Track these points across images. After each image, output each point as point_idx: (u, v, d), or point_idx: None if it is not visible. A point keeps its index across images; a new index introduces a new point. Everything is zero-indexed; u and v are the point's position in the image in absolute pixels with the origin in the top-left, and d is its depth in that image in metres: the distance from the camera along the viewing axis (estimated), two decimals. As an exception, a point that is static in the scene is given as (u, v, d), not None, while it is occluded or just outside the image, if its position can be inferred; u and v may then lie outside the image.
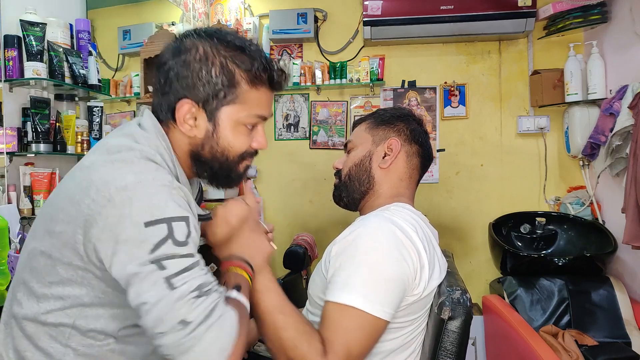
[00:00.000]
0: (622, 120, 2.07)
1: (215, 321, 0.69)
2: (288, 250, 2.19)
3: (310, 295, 1.07)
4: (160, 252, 0.69)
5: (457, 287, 0.97)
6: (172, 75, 0.81)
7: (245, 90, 0.83)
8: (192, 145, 0.84)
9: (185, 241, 0.72)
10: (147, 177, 0.73)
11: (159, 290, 0.68)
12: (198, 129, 0.83)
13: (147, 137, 0.81)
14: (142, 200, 0.71)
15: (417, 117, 1.20)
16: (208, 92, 0.81)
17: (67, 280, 0.77)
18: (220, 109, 0.83)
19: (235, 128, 0.84)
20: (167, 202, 0.73)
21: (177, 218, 0.72)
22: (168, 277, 0.69)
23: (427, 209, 2.77)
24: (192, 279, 0.70)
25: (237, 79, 0.82)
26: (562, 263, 2.17)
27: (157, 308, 0.67)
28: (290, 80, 2.82)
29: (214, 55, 0.82)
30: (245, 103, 0.84)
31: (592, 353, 1.81)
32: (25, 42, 1.66)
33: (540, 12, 2.54)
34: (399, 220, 0.97)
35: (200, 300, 0.69)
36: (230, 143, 0.84)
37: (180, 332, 0.67)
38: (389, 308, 0.88)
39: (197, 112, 0.82)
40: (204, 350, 0.67)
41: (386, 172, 1.12)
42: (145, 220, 0.70)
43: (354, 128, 1.22)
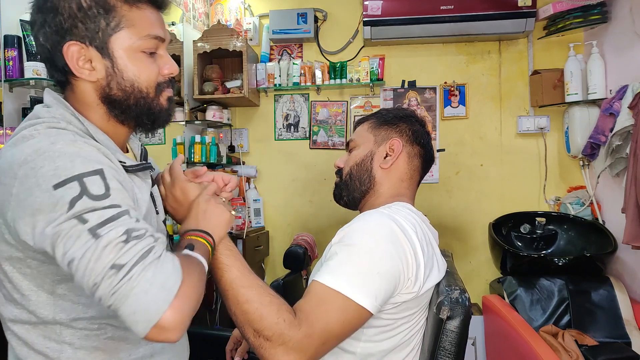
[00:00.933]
0: (622, 120, 2.07)
1: (152, 261, 0.63)
2: (288, 250, 2.19)
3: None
4: (78, 207, 0.65)
5: (456, 286, 0.97)
6: (46, 29, 0.75)
7: (125, 11, 0.77)
8: (99, 91, 0.78)
9: (105, 194, 0.67)
10: (45, 144, 0.69)
11: (84, 242, 0.63)
12: (97, 70, 0.77)
13: (49, 111, 0.77)
14: (45, 167, 0.67)
15: (420, 118, 1.20)
16: (88, 26, 0.75)
17: (20, 275, 0.74)
18: (109, 40, 0.76)
19: (134, 56, 0.78)
20: (73, 160, 0.68)
21: (88, 173, 0.67)
22: (92, 229, 0.63)
23: (427, 209, 2.78)
24: (119, 225, 0.65)
25: (110, 3, 0.76)
26: (562, 263, 2.17)
27: (85, 259, 0.62)
28: (290, 80, 2.82)
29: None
30: (132, 26, 0.77)
31: (592, 353, 1.81)
32: (25, 42, 1.66)
33: (540, 12, 2.54)
34: (398, 218, 0.97)
35: (132, 243, 0.63)
36: (136, 73, 0.78)
37: (113, 277, 0.61)
38: (374, 300, 0.87)
39: (87, 52, 0.76)
40: (144, 292, 0.60)
41: (387, 172, 1.12)
42: (53, 183, 0.66)
43: (357, 127, 1.22)
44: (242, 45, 2.62)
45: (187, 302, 0.64)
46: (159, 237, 0.68)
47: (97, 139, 0.77)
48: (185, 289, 0.64)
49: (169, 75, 0.83)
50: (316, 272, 1.03)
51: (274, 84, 2.84)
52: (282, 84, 2.84)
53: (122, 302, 0.60)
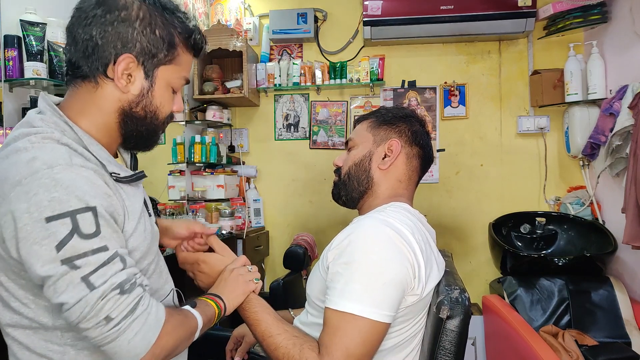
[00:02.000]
0: (622, 120, 2.07)
1: (140, 314, 0.72)
2: (288, 250, 2.19)
3: (309, 295, 1.07)
4: (68, 250, 0.68)
5: (456, 286, 0.97)
6: (109, 29, 0.79)
7: (181, 52, 0.86)
8: (124, 102, 0.83)
9: (95, 232, 0.70)
10: (41, 165, 0.70)
11: (78, 291, 0.68)
12: (134, 85, 0.82)
13: (43, 118, 0.79)
14: (40, 195, 0.68)
15: (420, 118, 1.19)
16: (150, 49, 0.81)
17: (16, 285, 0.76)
18: (159, 67, 0.84)
19: (166, 89, 0.86)
20: (69, 193, 0.69)
21: (82, 209, 0.70)
22: (85, 277, 0.68)
23: (427, 209, 2.78)
24: (112, 276, 0.70)
25: (176, 41, 0.84)
26: (562, 263, 2.17)
27: (79, 307, 0.68)
28: (290, 80, 2.82)
29: (154, 15, 0.82)
30: (179, 65, 0.86)
31: (592, 353, 1.81)
32: (25, 42, 1.66)
33: (540, 12, 2.54)
34: (393, 221, 0.96)
35: (124, 297, 0.70)
36: (162, 102, 0.86)
37: (104, 327, 0.69)
38: (388, 311, 0.89)
39: (135, 68, 0.81)
40: (128, 340, 0.70)
41: (385, 173, 1.12)
42: (46, 216, 0.68)
43: (356, 125, 1.22)
44: (242, 45, 2.62)
45: (162, 351, 0.75)
46: (145, 284, 0.77)
47: (90, 150, 0.79)
48: (166, 339, 0.75)
49: (176, 112, 0.92)
50: (314, 283, 1.03)
51: (274, 84, 2.84)
52: (282, 84, 2.84)
53: (107, 344, 0.70)
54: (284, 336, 0.92)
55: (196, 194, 2.67)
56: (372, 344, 0.88)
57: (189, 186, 2.67)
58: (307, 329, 1.06)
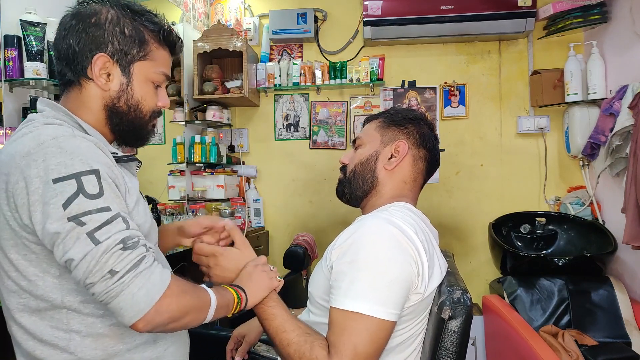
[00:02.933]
0: (622, 120, 2.08)
1: (143, 270, 0.74)
2: (288, 250, 2.19)
3: (311, 294, 1.07)
4: (75, 208, 0.73)
5: (458, 286, 0.97)
6: (83, 36, 0.87)
7: (154, 48, 0.93)
8: (107, 99, 0.90)
9: (99, 193, 0.75)
10: (46, 137, 0.77)
11: (83, 246, 0.72)
12: (112, 82, 0.90)
13: (43, 114, 0.87)
14: (47, 160, 0.75)
15: (429, 122, 1.20)
16: (122, 47, 0.89)
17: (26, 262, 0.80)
18: (134, 63, 0.91)
19: (145, 84, 0.93)
20: (73, 158, 0.76)
21: (86, 172, 0.76)
22: (90, 233, 0.72)
23: (427, 209, 2.76)
24: (115, 232, 0.74)
25: (146, 37, 0.91)
26: (562, 263, 2.17)
27: (85, 262, 0.71)
28: (290, 80, 2.82)
29: (122, 17, 0.90)
30: (154, 60, 0.93)
31: (592, 353, 1.81)
32: (25, 42, 1.66)
33: (540, 12, 2.54)
34: (397, 220, 0.97)
35: (127, 252, 0.74)
36: (143, 97, 0.93)
37: (108, 280, 0.72)
38: (394, 309, 0.89)
39: (112, 66, 0.89)
40: (132, 295, 0.72)
41: (391, 173, 1.12)
42: (53, 177, 0.74)
43: (365, 124, 1.22)
44: (242, 45, 2.62)
45: (166, 311, 0.75)
46: (150, 246, 0.78)
47: (89, 133, 0.87)
48: (167, 298, 0.75)
49: (162, 107, 0.98)
50: (317, 281, 1.03)
51: (274, 84, 2.84)
52: (282, 84, 2.84)
53: (112, 299, 0.72)
54: (297, 332, 0.92)
55: (196, 194, 2.67)
56: (380, 343, 0.89)
57: (189, 186, 2.67)
58: (308, 328, 1.06)
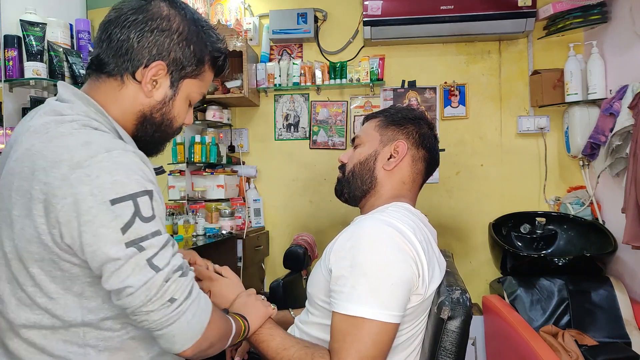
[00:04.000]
0: (622, 120, 2.07)
1: (195, 298, 0.76)
2: (288, 250, 2.19)
3: (310, 295, 1.07)
4: (133, 232, 0.70)
5: (457, 286, 0.97)
6: (148, 35, 0.82)
7: (207, 69, 0.91)
8: (145, 106, 0.86)
9: (152, 215, 0.73)
10: (98, 148, 0.71)
11: (145, 274, 0.70)
12: (158, 91, 0.86)
13: (71, 107, 0.79)
14: (102, 177, 0.69)
15: (429, 121, 1.19)
16: (181, 61, 0.85)
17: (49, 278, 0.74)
18: (184, 80, 0.88)
19: (185, 101, 0.90)
20: (129, 176, 0.72)
21: (141, 193, 0.72)
22: (149, 259, 0.71)
23: (427, 209, 2.77)
24: (171, 257, 0.74)
25: (205, 59, 0.89)
26: (562, 263, 2.17)
27: (144, 289, 0.70)
28: (290, 80, 2.82)
29: (192, 32, 0.86)
30: (202, 80, 0.91)
31: (592, 353, 1.81)
32: (25, 42, 1.66)
33: (540, 12, 2.54)
34: (395, 222, 0.96)
35: (183, 279, 0.74)
36: (179, 113, 0.90)
37: (168, 308, 0.71)
38: (397, 311, 0.89)
39: (164, 76, 0.85)
40: (187, 322, 0.73)
41: (389, 174, 1.11)
42: (110, 198, 0.69)
43: (364, 123, 1.21)
44: (242, 45, 2.62)
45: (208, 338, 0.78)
46: (192, 269, 0.80)
47: (126, 141, 0.81)
48: (211, 324, 0.79)
49: (187, 124, 0.97)
50: (316, 282, 1.03)
51: (274, 84, 2.84)
52: (282, 84, 2.84)
53: (167, 327, 0.72)
54: (296, 347, 0.94)
55: (196, 194, 2.67)
56: (384, 346, 0.88)
57: (189, 186, 2.67)
58: (308, 328, 1.06)
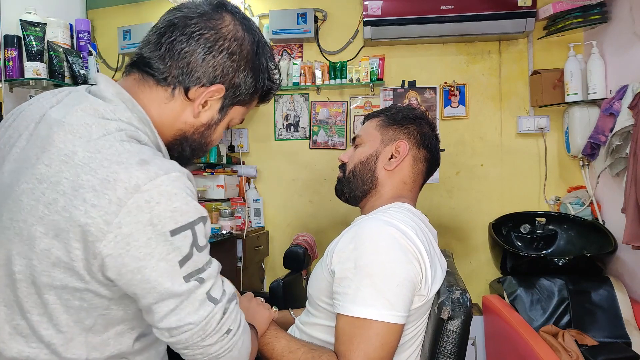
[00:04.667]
0: (622, 120, 2.07)
1: (244, 326, 0.77)
2: (288, 250, 2.19)
3: (311, 295, 1.07)
4: (190, 266, 0.65)
5: (457, 287, 0.97)
6: (214, 54, 0.75)
7: (255, 98, 0.86)
8: (188, 126, 0.79)
9: (205, 245, 0.69)
10: (157, 170, 0.64)
11: (205, 308, 0.67)
12: (206, 113, 0.79)
13: (114, 110, 0.70)
14: (162, 204, 0.62)
15: (430, 121, 1.19)
16: (238, 88, 0.80)
17: (63, 308, 0.66)
18: (234, 105, 0.82)
19: (224, 125, 0.85)
20: (188, 202, 0.66)
21: (198, 220, 0.67)
22: (208, 292, 0.68)
23: (427, 209, 2.76)
24: (222, 287, 0.73)
25: (259, 89, 0.84)
26: (562, 263, 2.17)
27: (205, 324, 0.68)
28: (290, 80, 2.82)
29: (259, 61, 0.81)
30: (248, 108, 0.87)
31: (592, 353, 1.81)
32: (25, 42, 1.66)
33: (540, 12, 2.54)
34: (398, 222, 0.96)
35: (236, 307, 0.75)
36: (217, 137, 0.85)
37: (225, 339, 0.71)
38: (402, 311, 0.89)
39: (217, 99, 0.79)
40: (239, 350, 0.75)
41: (390, 174, 1.11)
42: (171, 229, 0.63)
43: (365, 122, 1.21)
44: (242, 45, 2.62)
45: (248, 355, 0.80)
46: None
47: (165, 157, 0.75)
48: (253, 348, 0.82)
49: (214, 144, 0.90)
50: (317, 283, 1.03)
51: (274, 84, 2.84)
52: (282, 84, 2.84)
53: (223, 357, 0.72)
54: (302, 350, 0.94)
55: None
56: (390, 347, 0.88)
57: (189, 186, 2.67)
58: (308, 329, 1.06)
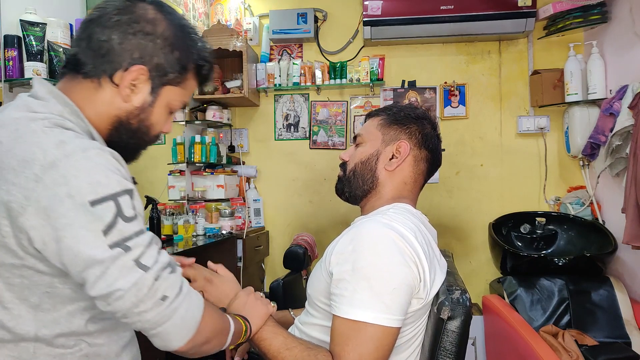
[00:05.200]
0: (622, 120, 2.08)
1: (186, 293, 0.75)
2: (288, 250, 2.19)
3: (310, 295, 1.07)
4: (116, 234, 0.67)
5: (457, 287, 0.97)
6: (130, 37, 0.78)
7: (190, 77, 0.87)
8: (122, 111, 0.82)
9: (135, 215, 0.71)
10: (74, 148, 0.68)
11: (133, 274, 0.67)
12: (137, 96, 0.82)
13: (45, 105, 0.75)
14: (80, 177, 0.66)
15: (432, 120, 1.18)
16: (164, 67, 0.82)
17: (5, 285, 0.70)
18: (165, 86, 0.84)
19: (165, 108, 0.86)
20: (108, 175, 0.69)
21: (122, 192, 0.69)
22: (136, 260, 0.68)
23: (427, 209, 2.77)
24: (158, 256, 0.72)
25: (189, 67, 0.86)
26: (562, 263, 2.17)
27: (135, 290, 0.67)
28: (290, 80, 2.82)
29: (178, 37, 0.83)
30: (184, 88, 0.87)
31: (592, 353, 1.81)
32: (25, 42, 1.66)
33: (540, 12, 2.54)
34: (397, 225, 0.95)
35: (173, 275, 0.73)
36: (157, 120, 0.86)
37: (161, 306, 0.70)
38: (398, 315, 0.88)
39: (144, 81, 0.81)
40: (181, 318, 0.73)
41: (391, 174, 1.10)
42: (90, 199, 0.66)
43: (366, 120, 1.20)
44: (242, 45, 2.62)
45: (203, 333, 0.78)
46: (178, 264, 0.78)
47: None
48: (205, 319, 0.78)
49: (166, 132, 0.92)
50: (316, 283, 1.03)
51: (274, 84, 2.84)
52: (282, 84, 2.84)
53: (163, 325, 0.71)
54: (299, 348, 0.93)
55: (196, 194, 2.67)
56: (385, 350, 0.88)
57: (189, 186, 2.67)
58: (307, 329, 1.06)
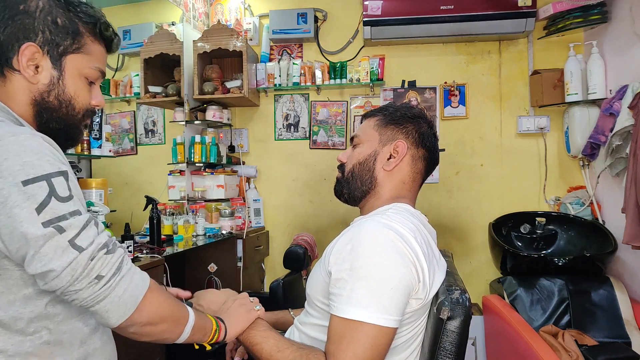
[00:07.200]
0: (622, 120, 2.07)
1: (126, 272, 0.75)
2: (288, 250, 2.19)
3: (309, 295, 1.07)
4: (49, 212, 0.68)
5: (456, 287, 0.97)
6: (9, 23, 0.79)
7: (89, 41, 0.86)
8: (35, 93, 0.82)
9: (70, 195, 0.72)
10: (3, 133, 0.70)
11: (67, 255, 0.69)
12: (41, 74, 0.82)
13: None
14: (10, 159, 0.68)
15: (429, 119, 1.18)
16: (53, 38, 0.82)
17: None
18: (66, 56, 0.83)
19: (79, 79, 0.86)
20: (40, 158, 0.70)
21: (55, 173, 0.71)
22: (71, 240, 0.69)
23: (427, 209, 2.78)
24: (94, 236, 0.73)
25: (80, 29, 0.85)
26: (562, 263, 2.17)
27: (70, 270, 0.68)
28: (290, 80, 2.82)
29: (54, 5, 0.82)
30: (89, 54, 0.86)
31: (592, 353, 1.81)
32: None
33: (540, 12, 2.54)
34: (396, 225, 0.95)
35: (110, 256, 0.73)
36: (76, 92, 0.85)
37: (96, 285, 0.71)
38: (395, 315, 0.88)
39: (41, 57, 0.81)
40: (118, 297, 0.73)
41: (389, 174, 1.11)
42: (22, 179, 0.68)
43: (363, 120, 1.20)
44: (242, 45, 2.62)
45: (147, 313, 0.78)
46: (124, 247, 0.79)
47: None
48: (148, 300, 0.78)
49: (96, 106, 0.91)
50: (315, 283, 1.03)
51: (274, 84, 2.84)
52: (282, 84, 2.84)
53: (98, 303, 0.72)
54: (291, 350, 0.94)
55: (196, 194, 2.67)
56: (381, 350, 0.88)
57: (189, 186, 2.67)
58: (307, 329, 1.06)
